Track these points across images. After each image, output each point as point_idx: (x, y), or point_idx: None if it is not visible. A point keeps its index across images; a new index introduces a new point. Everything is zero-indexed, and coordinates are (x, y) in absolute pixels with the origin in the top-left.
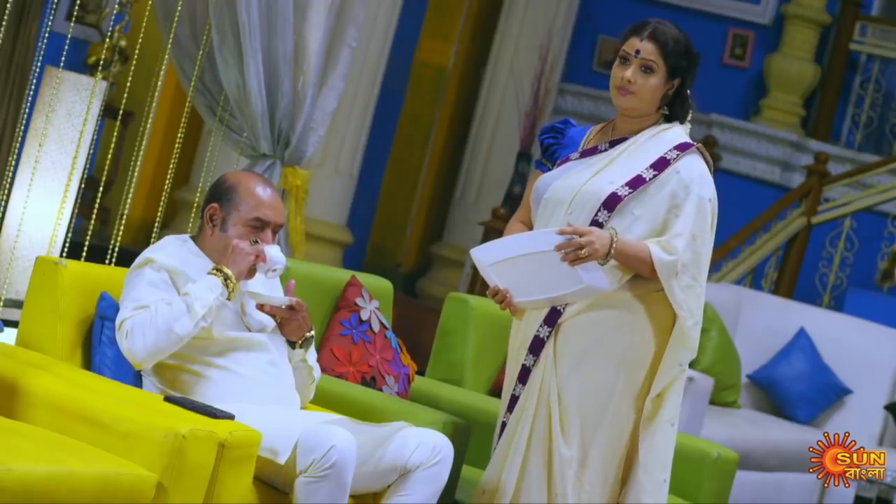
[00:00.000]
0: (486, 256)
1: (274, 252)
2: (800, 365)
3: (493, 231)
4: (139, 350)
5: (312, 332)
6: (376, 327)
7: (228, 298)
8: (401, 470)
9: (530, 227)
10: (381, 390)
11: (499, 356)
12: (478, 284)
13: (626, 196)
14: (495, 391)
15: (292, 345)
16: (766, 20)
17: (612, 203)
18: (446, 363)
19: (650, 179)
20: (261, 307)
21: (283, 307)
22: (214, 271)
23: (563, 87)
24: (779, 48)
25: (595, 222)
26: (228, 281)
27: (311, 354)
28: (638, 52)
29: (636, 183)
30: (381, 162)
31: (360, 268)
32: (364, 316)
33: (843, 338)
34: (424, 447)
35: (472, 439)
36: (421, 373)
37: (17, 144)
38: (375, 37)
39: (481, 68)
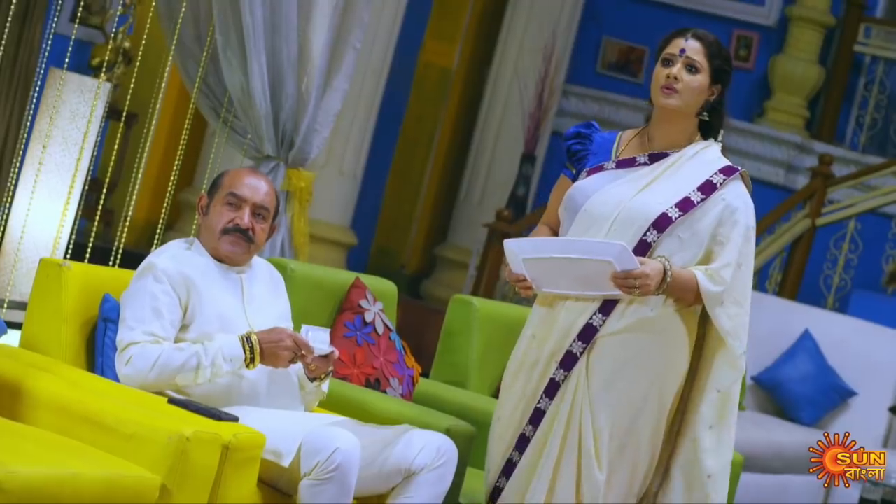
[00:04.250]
0: (522, 250)
1: (319, 336)
2: (804, 367)
3: (497, 232)
4: (136, 380)
5: (332, 369)
6: (380, 329)
7: (248, 368)
8: (405, 472)
9: (556, 233)
10: (385, 392)
11: (504, 358)
12: (482, 286)
13: (676, 218)
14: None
15: (311, 379)
16: (770, 22)
17: (662, 224)
18: (451, 365)
19: (698, 203)
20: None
21: (318, 356)
22: (245, 342)
23: (568, 88)
24: (783, 50)
25: (643, 242)
26: (252, 362)
27: (326, 383)
28: (683, 51)
29: (686, 206)
30: (385, 163)
31: (363, 269)
32: (368, 318)
33: (847, 340)
34: (429, 449)
35: (476, 441)
36: (425, 375)
37: (21, 146)
38: (379, 38)
39: (485, 70)
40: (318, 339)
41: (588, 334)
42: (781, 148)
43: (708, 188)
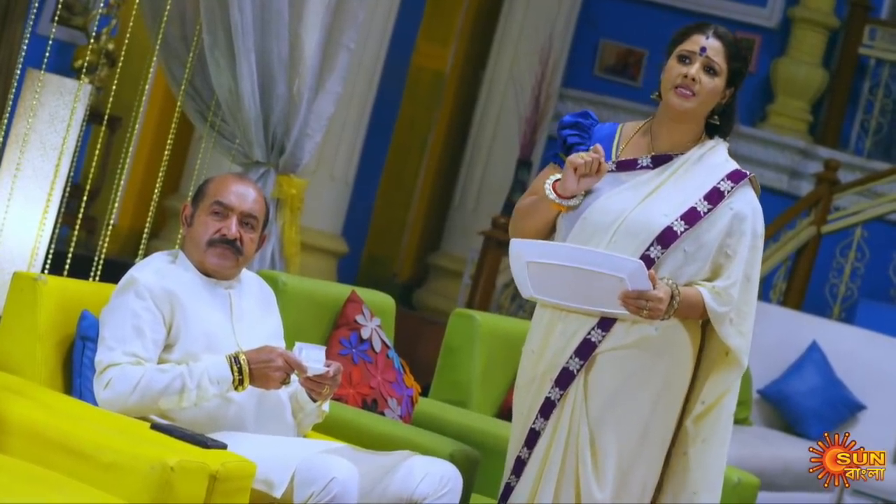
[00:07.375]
0: (529, 252)
1: (314, 354)
2: (812, 379)
3: (492, 240)
4: (116, 404)
5: (337, 385)
6: (378, 346)
7: (237, 390)
8: (407, 502)
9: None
10: (382, 414)
11: (507, 375)
12: (477, 295)
13: (682, 232)
14: (504, 413)
15: (312, 399)
16: (772, 24)
17: (667, 239)
18: (451, 383)
19: (705, 214)
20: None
21: (313, 375)
22: (233, 363)
23: (564, 92)
24: (786, 52)
25: (646, 257)
26: (241, 384)
27: (326, 403)
28: (704, 49)
29: (691, 218)
30: (376, 169)
31: (354, 278)
32: (365, 334)
33: (856, 351)
34: (432, 477)
35: (480, 466)
36: (422, 391)
37: None
38: (371, 39)
39: (480, 72)
40: (313, 357)
41: (586, 350)
42: (785, 153)
43: (715, 197)
